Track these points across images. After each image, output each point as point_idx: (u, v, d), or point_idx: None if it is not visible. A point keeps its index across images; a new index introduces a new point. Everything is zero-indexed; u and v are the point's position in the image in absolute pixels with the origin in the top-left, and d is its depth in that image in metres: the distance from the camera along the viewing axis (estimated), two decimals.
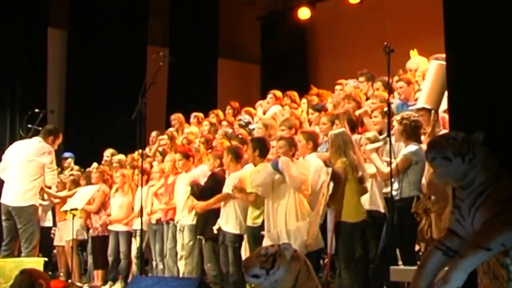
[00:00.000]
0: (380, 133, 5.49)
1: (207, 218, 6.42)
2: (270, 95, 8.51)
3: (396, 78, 6.83)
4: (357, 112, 6.18)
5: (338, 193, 5.03)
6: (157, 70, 5.96)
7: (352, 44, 11.13)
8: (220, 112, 9.02)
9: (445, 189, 3.52)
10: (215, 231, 6.26)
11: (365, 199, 5.28)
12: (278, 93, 8.46)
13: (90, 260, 8.09)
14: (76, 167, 8.93)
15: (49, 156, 6.62)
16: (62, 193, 8.16)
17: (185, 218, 6.76)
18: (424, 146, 4.92)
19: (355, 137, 5.84)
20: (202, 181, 6.64)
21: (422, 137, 5.15)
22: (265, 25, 12.81)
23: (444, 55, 6.21)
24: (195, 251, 6.69)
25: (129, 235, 7.62)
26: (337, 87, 7.89)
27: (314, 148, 5.82)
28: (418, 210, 3.84)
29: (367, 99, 7.03)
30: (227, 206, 6.20)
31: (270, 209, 5.51)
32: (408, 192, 4.80)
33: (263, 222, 5.72)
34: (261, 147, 6.03)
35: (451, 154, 2.82)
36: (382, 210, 5.20)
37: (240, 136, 6.97)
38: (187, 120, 9.19)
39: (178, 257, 6.82)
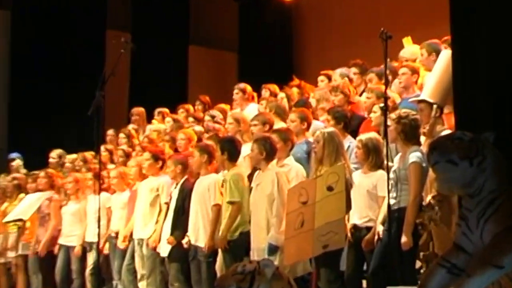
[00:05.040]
0: (379, 132, 5.51)
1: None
2: (235, 91, 8.28)
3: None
4: None
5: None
6: (117, 59, 5.91)
7: (344, 30, 11.17)
8: (190, 107, 8.98)
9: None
10: (185, 245, 6.25)
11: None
12: (248, 88, 8.31)
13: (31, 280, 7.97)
14: (24, 171, 8.83)
15: None
16: None
17: (145, 231, 6.75)
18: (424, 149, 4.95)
19: (348, 141, 5.89)
20: (169, 192, 6.64)
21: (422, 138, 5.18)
22: (243, 7, 12.77)
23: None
24: (157, 269, 6.66)
25: (83, 249, 7.56)
26: (321, 78, 7.86)
27: (291, 149, 5.90)
28: (424, 221, 3.85)
29: (362, 93, 7.04)
30: (197, 217, 6.17)
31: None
32: (408, 201, 4.81)
33: (240, 234, 5.78)
34: (231, 149, 6.04)
35: (457, 157, 2.82)
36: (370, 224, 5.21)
37: (216, 134, 6.94)
38: (152, 116, 9.14)
39: (138, 276, 6.78)
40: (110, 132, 8.89)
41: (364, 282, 5.25)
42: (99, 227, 5.93)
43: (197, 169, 6.36)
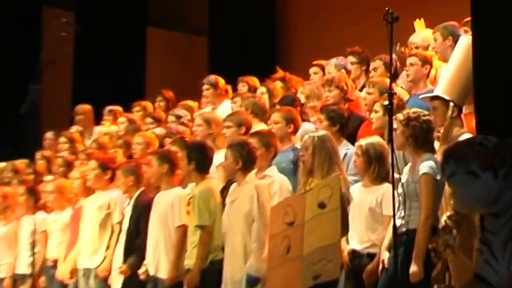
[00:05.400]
0: (382, 136, 5.54)
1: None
2: (205, 86, 8.33)
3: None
4: None
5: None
6: (57, 44, 5.89)
7: (340, 10, 11.19)
8: (149, 104, 8.99)
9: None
10: (142, 276, 6.24)
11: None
12: (220, 81, 8.36)
13: None
14: None
15: None
16: None
17: (93, 259, 6.74)
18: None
19: (345, 147, 5.94)
20: (120, 209, 6.67)
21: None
22: None
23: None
24: None
25: (13, 283, 7.50)
26: (313, 70, 7.90)
27: (274, 157, 5.96)
28: (438, 247, 3.86)
29: (362, 88, 7.08)
30: (157, 242, 6.17)
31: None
32: (419, 222, 4.82)
33: (211, 263, 5.81)
34: (200, 157, 6.04)
35: (478, 168, 2.84)
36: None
37: (181, 138, 6.94)
38: (101, 116, 9.14)
39: None
40: (49, 135, 8.84)
41: None
42: (33, 254, 5.89)
43: (156, 182, 6.38)
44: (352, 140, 6.00)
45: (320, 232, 4.92)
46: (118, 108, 9.07)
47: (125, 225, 6.56)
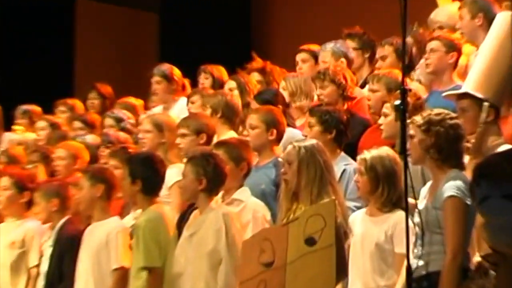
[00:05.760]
0: (393, 146, 5.54)
1: None
2: (155, 77, 8.35)
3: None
4: None
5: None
6: None
7: None
8: (78, 103, 9.01)
9: None
10: None
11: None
12: (176, 73, 8.39)
13: None
14: None
15: None
16: None
17: None
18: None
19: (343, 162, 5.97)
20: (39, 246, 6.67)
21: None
22: None
23: None
24: None
25: None
26: (302, 57, 7.90)
27: (247, 174, 6.01)
28: None
29: (364, 85, 7.11)
30: (87, 277, 6.17)
31: None
32: (443, 262, 4.82)
33: None
34: (147, 174, 6.05)
35: None
36: None
37: (122, 149, 6.93)
38: (13, 119, 9.13)
39: None
40: None
41: None
42: None
43: (87, 209, 6.38)
44: (353, 152, 6.01)
45: (308, 277, 4.93)
46: (36, 108, 9.08)
47: (44, 265, 6.56)
